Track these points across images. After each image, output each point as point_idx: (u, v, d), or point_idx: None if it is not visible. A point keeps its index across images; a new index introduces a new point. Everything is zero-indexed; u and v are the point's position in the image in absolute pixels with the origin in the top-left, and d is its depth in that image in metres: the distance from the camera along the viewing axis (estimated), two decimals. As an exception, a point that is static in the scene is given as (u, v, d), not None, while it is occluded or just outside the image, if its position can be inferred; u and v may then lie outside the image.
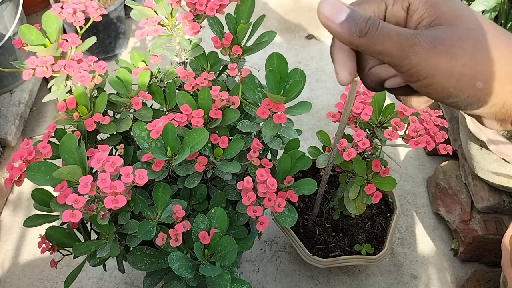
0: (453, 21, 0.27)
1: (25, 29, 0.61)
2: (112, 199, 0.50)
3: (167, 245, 0.61)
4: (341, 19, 0.28)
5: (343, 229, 0.91)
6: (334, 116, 0.71)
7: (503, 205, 0.97)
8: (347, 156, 0.65)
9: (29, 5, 1.49)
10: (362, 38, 0.27)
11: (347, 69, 0.30)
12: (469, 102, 0.27)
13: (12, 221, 1.11)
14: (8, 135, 1.15)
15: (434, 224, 1.13)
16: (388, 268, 1.05)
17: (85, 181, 0.50)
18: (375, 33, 0.27)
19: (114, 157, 0.51)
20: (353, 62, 0.30)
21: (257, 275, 1.03)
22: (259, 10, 1.69)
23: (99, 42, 1.42)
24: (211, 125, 0.64)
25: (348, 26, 0.27)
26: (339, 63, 0.30)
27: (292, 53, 1.54)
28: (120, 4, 1.38)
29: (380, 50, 0.27)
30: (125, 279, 1.02)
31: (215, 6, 0.61)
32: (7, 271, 1.03)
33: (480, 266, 1.06)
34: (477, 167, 0.96)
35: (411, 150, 1.28)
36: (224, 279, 0.56)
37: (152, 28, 0.62)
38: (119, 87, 0.67)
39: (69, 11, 0.62)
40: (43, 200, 0.59)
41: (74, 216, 0.50)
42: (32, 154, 0.55)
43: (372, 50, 0.27)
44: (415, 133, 0.63)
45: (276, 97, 0.59)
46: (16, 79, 1.23)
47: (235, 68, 0.68)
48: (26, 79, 0.60)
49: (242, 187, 0.61)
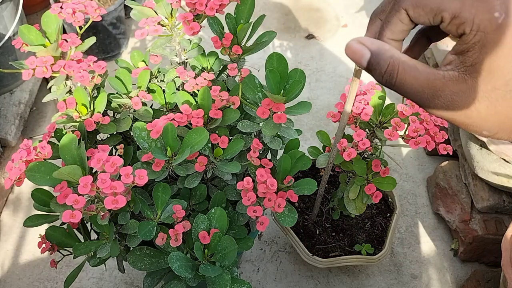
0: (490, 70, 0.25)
1: (25, 29, 0.61)
2: (112, 199, 0.50)
3: (167, 245, 0.61)
4: (363, 65, 0.28)
5: (343, 229, 0.91)
6: (334, 116, 0.71)
7: (503, 205, 0.97)
8: (347, 156, 0.65)
9: (29, 5, 1.49)
10: (386, 86, 0.27)
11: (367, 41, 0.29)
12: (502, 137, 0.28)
13: (12, 221, 1.11)
14: (8, 135, 1.15)
15: (434, 224, 1.13)
16: (388, 268, 1.05)
17: (85, 181, 0.50)
18: (396, 82, 0.27)
19: (114, 158, 0.51)
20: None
21: (257, 275, 1.03)
22: (259, 10, 1.68)
23: (99, 42, 1.42)
24: (211, 125, 0.64)
25: (370, 73, 0.27)
26: (369, 31, 0.30)
27: (292, 53, 1.54)
28: (120, 4, 1.38)
29: (404, 93, 0.27)
30: (125, 279, 1.02)
31: (215, 6, 0.61)
32: (7, 271, 1.03)
33: (480, 266, 1.06)
34: (477, 167, 0.96)
35: (411, 150, 1.28)
36: (224, 279, 0.56)
37: (152, 28, 0.62)
38: (119, 87, 0.67)
39: (69, 11, 0.62)
40: (43, 200, 0.59)
41: (74, 217, 0.50)
42: (32, 154, 0.55)
43: (400, 93, 0.27)
44: (415, 133, 0.63)
45: (276, 97, 0.59)
46: (16, 79, 1.23)
47: (235, 68, 0.68)
48: (26, 79, 0.60)
49: (242, 187, 0.61)
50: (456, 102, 0.26)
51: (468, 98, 0.25)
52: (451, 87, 0.26)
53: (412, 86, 0.26)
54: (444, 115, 0.27)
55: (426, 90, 0.26)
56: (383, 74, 0.27)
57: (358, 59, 0.27)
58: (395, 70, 0.26)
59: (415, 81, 0.26)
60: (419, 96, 0.26)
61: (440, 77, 0.26)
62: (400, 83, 0.27)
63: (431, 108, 0.27)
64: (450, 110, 0.26)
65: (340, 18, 1.68)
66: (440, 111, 0.27)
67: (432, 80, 0.26)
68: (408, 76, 0.26)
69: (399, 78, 0.26)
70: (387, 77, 0.27)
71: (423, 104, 0.27)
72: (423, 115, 0.65)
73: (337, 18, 1.68)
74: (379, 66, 0.27)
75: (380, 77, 0.27)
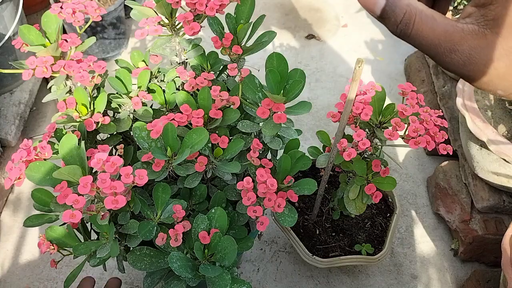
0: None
1: (25, 29, 0.61)
2: (112, 199, 0.50)
3: (167, 245, 0.61)
4: (377, 13, 0.25)
5: (343, 229, 0.91)
6: (334, 116, 0.71)
7: (503, 205, 0.97)
8: (347, 156, 0.65)
9: (29, 5, 1.49)
10: (401, 36, 0.25)
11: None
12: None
13: (12, 221, 1.11)
14: (8, 135, 1.15)
15: (434, 224, 1.13)
16: (388, 268, 1.05)
17: (85, 181, 0.50)
18: (411, 33, 0.25)
19: (114, 157, 0.51)
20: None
21: (257, 275, 1.03)
22: (259, 10, 1.68)
23: (99, 42, 1.42)
24: (211, 125, 0.64)
25: (384, 23, 0.25)
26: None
27: (292, 53, 1.54)
28: (120, 4, 1.38)
29: (419, 45, 0.25)
30: (125, 279, 1.02)
31: (215, 6, 0.61)
32: (7, 271, 1.03)
33: (480, 266, 1.06)
34: (477, 167, 0.96)
35: (411, 150, 1.28)
36: (224, 279, 0.56)
37: (152, 28, 0.62)
38: (119, 87, 0.67)
39: (69, 11, 0.62)
40: (43, 200, 0.59)
41: (74, 217, 0.50)
42: (32, 154, 0.55)
43: (415, 45, 0.25)
44: (415, 133, 0.63)
45: (276, 97, 0.59)
46: (16, 79, 1.23)
47: (235, 68, 0.68)
48: (26, 79, 0.60)
49: (242, 187, 0.61)
50: (474, 58, 0.24)
51: (487, 54, 0.24)
52: (470, 41, 0.24)
53: (428, 38, 0.25)
54: (459, 71, 0.25)
55: (443, 43, 0.24)
56: (398, 23, 0.25)
57: (371, 6, 0.25)
58: (411, 19, 0.24)
59: (432, 33, 0.24)
60: (435, 49, 0.25)
61: (459, 30, 0.24)
62: (416, 34, 0.25)
63: (447, 63, 0.25)
64: (466, 66, 0.25)
65: (340, 18, 1.68)
66: (455, 67, 0.25)
67: (450, 32, 0.24)
68: (425, 26, 0.24)
69: (415, 29, 0.25)
70: (402, 27, 0.25)
71: (438, 59, 0.25)
72: (423, 115, 0.65)
73: (337, 18, 1.68)
74: (394, 14, 0.25)
75: (395, 27, 0.25)
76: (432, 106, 1.24)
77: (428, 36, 0.25)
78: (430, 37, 0.24)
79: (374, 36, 1.61)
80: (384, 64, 1.52)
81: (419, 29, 0.25)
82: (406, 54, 1.51)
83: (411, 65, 1.42)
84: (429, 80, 1.32)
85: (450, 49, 0.24)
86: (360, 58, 0.56)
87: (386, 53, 1.56)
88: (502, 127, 0.93)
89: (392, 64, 1.51)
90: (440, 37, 0.24)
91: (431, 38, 0.24)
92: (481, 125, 0.88)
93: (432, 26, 0.24)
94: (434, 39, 0.24)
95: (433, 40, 0.25)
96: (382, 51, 1.56)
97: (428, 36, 0.25)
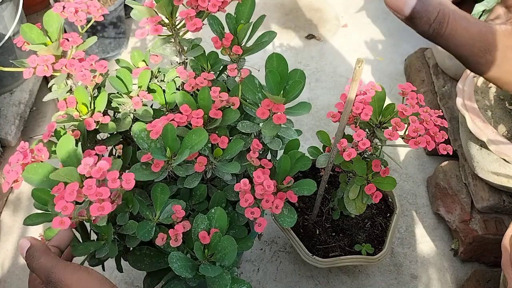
0: None
1: (27, 28, 0.61)
2: (97, 206, 0.49)
3: (167, 245, 0.60)
4: (406, 13, 0.24)
5: (343, 229, 0.91)
6: (334, 116, 0.71)
7: (503, 205, 0.97)
8: (347, 156, 0.65)
9: (29, 5, 1.49)
10: (433, 36, 0.24)
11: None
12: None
13: (12, 221, 1.11)
14: (8, 135, 1.15)
15: (434, 224, 1.13)
16: (388, 268, 1.05)
17: (72, 188, 0.48)
18: (445, 32, 0.24)
19: (101, 162, 0.50)
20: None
21: (257, 275, 1.03)
22: (259, 10, 1.68)
23: (99, 42, 1.42)
24: (210, 126, 0.64)
25: (414, 23, 0.24)
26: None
27: (292, 53, 1.54)
28: (120, 4, 1.38)
29: (452, 46, 0.24)
30: (125, 279, 1.02)
31: (218, 3, 0.61)
32: (7, 271, 1.03)
33: (480, 266, 1.06)
34: (477, 167, 0.96)
35: (411, 150, 1.28)
36: (224, 279, 0.56)
37: (152, 28, 0.62)
38: (120, 86, 0.67)
39: (71, 10, 0.62)
40: (43, 199, 0.59)
41: (63, 223, 0.48)
42: (28, 157, 0.55)
43: (447, 46, 0.24)
44: (415, 133, 0.63)
45: (276, 98, 0.59)
46: (16, 79, 1.23)
47: (235, 69, 0.68)
48: (27, 78, 0.60)
49: (239, 189, 0.61)
50: (510, 57, 0.24)
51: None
52: (505, 41, 0.24)
53: (462, 38, 0.24)
54: (492, 73, 0.25)
55: (478, 43, 0.24)
56: (431, 22, 0.24)
57: (401, 6, 0.24)
58: (445, 18, 0.24)
59: (466, 33, 0.24)
60: (469, 49, 0.24)
61: (493, 30, 0.24)
62: (450, 34, 0.24)
63: (481, 64, 0.24)
64: (501, 67, 0.24)
65: (340, 18, 1.68)
66: (489, 68, 0.24)
67: (484, 32, 0.24)
68: (459, 26, 0.24)
69: (450, 28, 0.24)
70: (436, 26, 0.24)
71: (472, 59, 0.24)
72: (423, 115, 0.65)
73: (337, 18, 1.68)
74: (428, 13, 0.24)
75: (427, 26, 0.24)
76: (432, 106, 1.24)
77: (463, 36, 0.24)
78: (464, 37, 0.24)
79: (374, 36, 1.61)
80: (384, 64, 1.52)
81: (453, 29, 0.24)
82: (406, 54, 1.51)
83: (411, 65, 1.42)
84: (429, 80, 1.32)
85: (485, 49, 0.24)
86: (360, 58, 0.56)
87: (386, 53, 1.55)
88: (502, 127, 0.93)
89: (392, 64, 1.51)
90: (474, 37, 0.24)
91: (466, 38, 0.24)
92: (481, 125, 0.88)
93: (466, 26, 0.24)
94: (468, 39, 0.24)
95: (468, 40, 0.24)
96: (382, 51, 1.56)
97: (463, 36, 0.24)
